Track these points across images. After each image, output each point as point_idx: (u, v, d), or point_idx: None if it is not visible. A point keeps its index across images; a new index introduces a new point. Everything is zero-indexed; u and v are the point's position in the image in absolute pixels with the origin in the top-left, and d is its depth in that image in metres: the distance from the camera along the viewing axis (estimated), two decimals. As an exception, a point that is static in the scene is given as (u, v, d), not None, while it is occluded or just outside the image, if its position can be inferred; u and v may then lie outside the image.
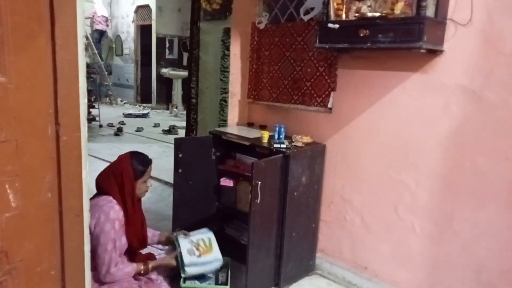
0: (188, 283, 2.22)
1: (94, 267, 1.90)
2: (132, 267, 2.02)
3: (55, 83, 1.06)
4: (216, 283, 2.24)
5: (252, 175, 2.08)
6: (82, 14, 1.11)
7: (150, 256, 2.21)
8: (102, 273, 1.91)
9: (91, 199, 1.92)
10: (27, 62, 1.00)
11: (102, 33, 10.70)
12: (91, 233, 1.80)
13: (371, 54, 2.26)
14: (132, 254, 2.11)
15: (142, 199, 2.19)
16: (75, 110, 1.12)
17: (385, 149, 2.26)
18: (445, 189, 2.05)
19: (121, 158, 2.08)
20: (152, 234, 2.33)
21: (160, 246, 2.36)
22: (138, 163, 2.07)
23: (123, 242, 2.02)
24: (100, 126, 7.37)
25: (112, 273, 1.92)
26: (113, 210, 1.94)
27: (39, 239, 1.07)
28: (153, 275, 2.12)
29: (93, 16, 10.26)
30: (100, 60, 9.70)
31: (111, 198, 1.98)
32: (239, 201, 2.73)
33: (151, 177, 2.21)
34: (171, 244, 2.34)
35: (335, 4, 2.13)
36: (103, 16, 10.49)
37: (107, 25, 10.75)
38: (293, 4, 2.72)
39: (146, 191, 2.16)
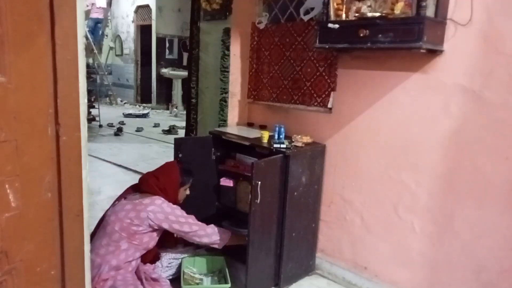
0: (188, 283, 2.23)
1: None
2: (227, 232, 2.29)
3: (55, 83, 1.06)
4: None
5: (252, 175, 2.08)
6: (82, 14, 1.11)
7: (155, 256, 2.26)
8: (208, 235, 2.20)
9: (128, 196, 2.17)
10: (27, 62, 1.00)
11: (97, 22, 10.61)
12: (152, 226, 2.05)
13: (371, 54, 2.26)
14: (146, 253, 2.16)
15: None
16: (75, 110, 1.12)
17: (385, 149, 2.26)
18: (445, 189, 2.05)
19: (169, 164, 2.33)
20: None
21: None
22: (186, 170, 2.33)
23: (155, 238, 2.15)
24: (100, 126, 7.37)
25: (211, 232, 2.20)
26: (167, 203, 2.13)
27: (39, 239, 1.07)
28: (157, 276, 2.14)
29: (90, 6, 10.18)
30: (93, 45, 9.54)
31: (166, 200, 2.15)
32: (239, 201, 2.73)
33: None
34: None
35: (335, 4, 2.13)
36: (100, 7, 10.43)
37: (103, 15, 10.65)
38: (293, 4, 2.72)
39: (185, 198, 2.36)
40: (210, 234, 2.20)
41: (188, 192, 2.36)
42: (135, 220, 2.01)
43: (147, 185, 2.18)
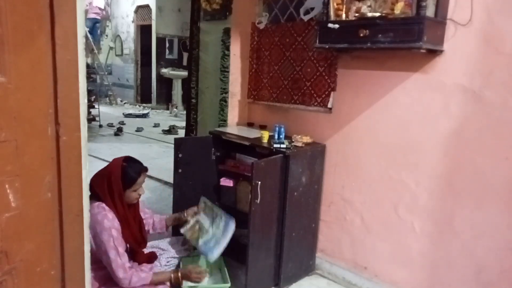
0: (189, 283, 2.22)
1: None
2: (147, 274, 1.97)
3: (55, 83, 1.06)
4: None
5: (252, 175, 2.08)
6: (82, 14, 1.11)
7: (152, 255, 2.21)
8: (117, 280, 1.88)
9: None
10: (27, 62, 0.99)
11: (95, 22, 10.61)
12: (93, 241, 1.81)
13: (371, 54, 2.26)
14: (133, 254, 2.10)
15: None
16: (75, 110, 1.12)
17: (385, 149, 2.26)
18: (445, 189, 2.05)
19: (113, 162, 2.02)
20: (159, 219, 2.32)
21: (161, 245, 2.35)
22: (130, 171, 1.99)
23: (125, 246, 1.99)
24: (100, 126, 7.37)
25: (123, 278, 1.88)
26: (107, 219, 1.89)
27: (39, 239, 1.07)
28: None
29: (88, 6, 10.18)
30: (93, 44, 9.54)
31: (103, 205, 1.92)
32: (239, 201, 2.73)
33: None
34: (180, 223, 2.33)
35: (335, 4, 2.13)
36: (98, 7, 10.44)
37: (102, 15, 10.65)
38: (293, 4, 2.72)
39: (137, 198, 2.08)
40: (128, 284, 1.91)
41: (141, 192, 2.07)
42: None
43: (96, 186, 1.94)
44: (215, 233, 2.26)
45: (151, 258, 2.20)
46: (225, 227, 2.26)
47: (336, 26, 2.06)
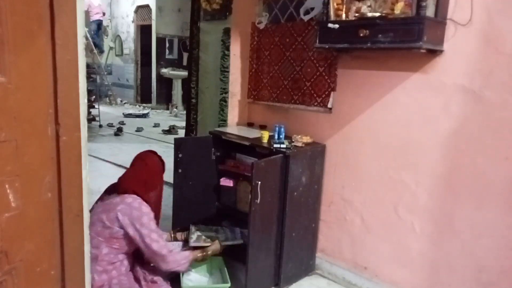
0: (189, 283, 2.23)
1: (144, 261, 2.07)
2: (185, 252, 2.17)
3: (55, 83, 1.06)
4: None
5: (252, 175, 2.08)
6: (82, 14, 1.11)
7: None
8: (160, 258, 1.97)
9: (104, 197, 2.04)
10: (27, 62, 0.99)
11: (99, 23, 10.62)
12: (122, 228, 1.92)
13: (371, 54, 2.25)
14: (137, 253, 2.09)
15: None
16: (75, 110, 1.12)
17: (385, 149, 2.26)
18: (445, 189, 2.05)
19: (159, 169, 2.17)
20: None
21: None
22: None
23: None
24: (100, 126, 7.37)
25: (167, 255, 1.98)
26: (144, 206, 1.97)
27: (39, 239, 1.07)
28: (155, 277, 2.12)
29: (88, 8, 10.18)
30: (99, 60, 9.66)
31: (136, 197, 1.99)
32: (239, 201, 2.73)
33: None
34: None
35: (335, 4, 2.13)
36: (98, 6, 10.43)
37: (103, 14, 10.65)
38: (293, 4, 2.72)
39: None
40: (170, 262, 2.01)
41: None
42: (106, 222, 1.89)
43: (124, 186, 2.02)
44: (227, 234, 2.51)
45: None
46: (231, 230, 2.55)
47: (336, 26, 2.06)
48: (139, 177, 2.06)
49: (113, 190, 2.08)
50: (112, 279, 1.94)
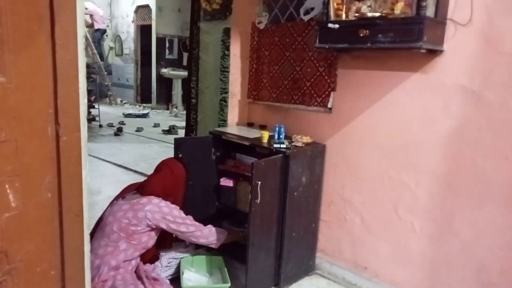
0: (189, 283, 2.23)
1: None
2: (221, 229, 2.35)
3: (55, 83, 1.06)
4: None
5: (252, 175, 2.08)
6: (82, 14, 1.11)
7: (154, 256, 2.27)
8: (204, 236, 2.20)
9: (127, 196, 2.17)
10: (27, 62, 1.00)
11: (103, 32, 10.67)
12: (150, 226, 2.05)
13: (371, 54, 2.26)
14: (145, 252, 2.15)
15: None
16: (75, 110, 1.12)
17: (385, 149, 2.26)
18: (445, 189, 2.05)
19: (183, 175, 2.32)
20: None
21: None
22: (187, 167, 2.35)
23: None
24: (100, 126, 7.37)
25: (209, 231, 2.23)
26: (169, 203, 2.15)
27: (39, 239, 1.07)
28: (157, 275, 2.14)
29: (94, 17, 10.20)
30: (99, 60, 9.71)
31: (163, 200, 2.16)
32: (239, 201, 2.73)
33: None
34: None
35: (335, 4, 2.13)
36: (102, 16, 10.47)
37: (107, 25, 10.73)
38: (293, 4, 2.72)
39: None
40: (207, 235, 2.22)
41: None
42: (133, 220, 2.01)
43: (150, 189, 2.17)
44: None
45: (154, 258, 2.24)
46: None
47: (336, 26, 2.06)
48: (164, 182, 2.21)
49: (137, 190, 2.22)
50: (117, 275, 1.97)
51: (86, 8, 9.96)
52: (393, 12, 1.92)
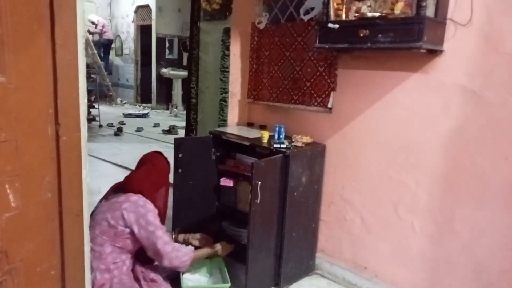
0: (189, 283, 2.23)
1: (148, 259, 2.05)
2: (189, 248, 2.11)
3: (55, 83, 1.06)
4: None
5: (252, 175, 2.08)
6: (82, 14, 1.11)
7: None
8: (163, 255, 1.96)
9: (109, 196, 2.05)
10: (27, 62, 1.00)
11: (109, 44, 10.70)
12: (127, 226, 1.92)
13: (371, 54, 2.25)
14: (138, 254, 2.10)
15: None
16: (75, 110, 1.12)
17: (385, 149, 2.26)
18: (445, 189, 2.05)
19: (166, 170, 2.18)
20: None
21: None
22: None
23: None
24: (100, 126, 7.37)
25: (170, 251, 1.97)
26: (149, 204, 1.99)
27: (39, 239, 1.07)
28: (155, 276, 2.12)
29: (102, 28, 10.21)
30: (99, 60, 9.71)
31: (141, 196, 2.01)
32: (239, 201, 2.72)
33: None
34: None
35: (335, 4, 2.13)
36: (107, 26, 10.52)
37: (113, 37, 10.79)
38: (293, 4, 2.71)
39: None
40: (171, 259, 1.99)
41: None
42: (111, 221, 1.91)
43: (133, 186, 2.03)
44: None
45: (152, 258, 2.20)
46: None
47: (336, 26, 2.06)
48: (146, 177, 2.08)
49: (118, 189, 2.10)
50: (113, 278, 1.94)
51: (97, 21, 10.03)
52: (393, 12, 1.92)
